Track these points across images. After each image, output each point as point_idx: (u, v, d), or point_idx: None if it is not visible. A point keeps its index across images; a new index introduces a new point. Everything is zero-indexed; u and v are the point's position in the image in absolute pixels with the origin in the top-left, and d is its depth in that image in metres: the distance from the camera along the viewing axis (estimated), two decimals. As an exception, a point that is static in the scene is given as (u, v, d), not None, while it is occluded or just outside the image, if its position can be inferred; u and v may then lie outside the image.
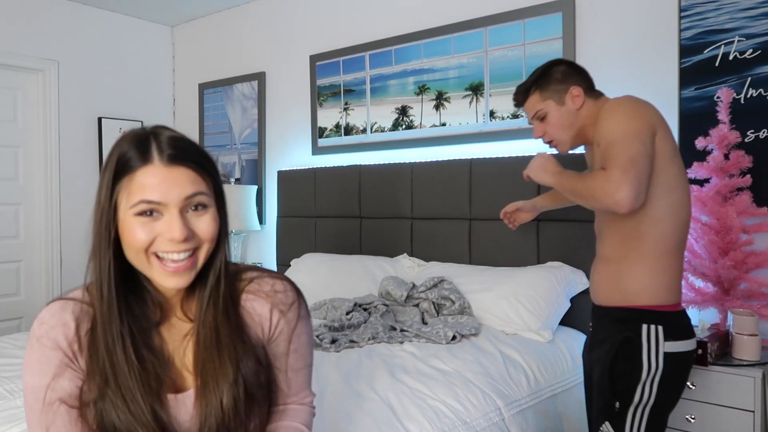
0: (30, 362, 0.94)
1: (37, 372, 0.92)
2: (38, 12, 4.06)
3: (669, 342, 1.57)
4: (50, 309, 0.96)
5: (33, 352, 0.94)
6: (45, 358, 0.93)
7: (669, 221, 1.57)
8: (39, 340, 0.94)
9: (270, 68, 4.17)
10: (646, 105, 1.60)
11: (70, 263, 4.22)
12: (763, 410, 2.02)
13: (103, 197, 1.00)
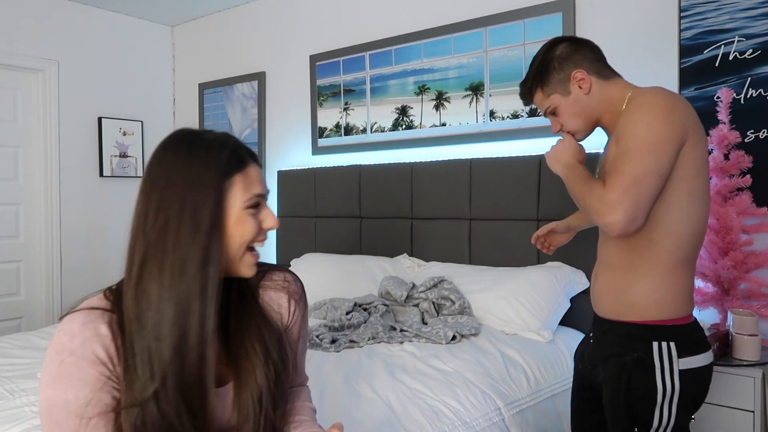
0: (60, 377, 0.88)
1: (71, 387, 0.88)
2: (38, 12, 4.06)
3: (684, 358, 1.43)
4: (76, 320, 0.91)
5: (66, 367, 0.88)
6: (82, 373, 0.89)
7: (685, 232, 1.41)
8: (73, 354, 0.89)
9: (270, 68, 4.17)
10: (682, 106, 1.39)
11: (70, 263, 4.22)
12: (763, 410, 2.02)
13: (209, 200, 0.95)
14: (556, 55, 1.55)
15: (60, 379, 0.88)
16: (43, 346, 2.43)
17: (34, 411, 1.69)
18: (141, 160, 4.62)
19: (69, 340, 0.90)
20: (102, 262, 4.41)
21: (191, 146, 0.97)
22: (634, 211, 1.32)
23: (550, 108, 1.57)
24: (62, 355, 0.89)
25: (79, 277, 4.28)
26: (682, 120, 1.36)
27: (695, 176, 1.38)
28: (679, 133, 1.35)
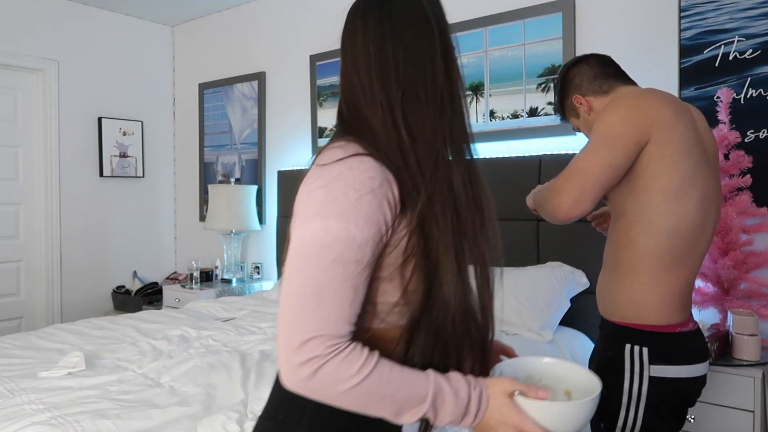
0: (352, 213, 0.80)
1: (364, 226, 0.80)
2: (38, 12, 4.06)
3: (656, 366, 1.39)
4: (368, 162, 0.83)
5: (362, 204, 0.80)
6: (376, 216, 0.81)
7: (663, 231, 1.38)
8: (373, 193, 0.81)
9: (270, 68, 4.17)
10: (650, 105, 1.39)
11: (70, 263, 4.22)
12: (763, 410, 2.02)
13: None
14: (564, 82, 1.66)
15: (351, 215, 0.80)
16: (43, 346, 2.44)
17: (33, 409, 1.69)
18: (141, 160, 4.62)
19: (369, 179, 0.82)
20: (102, 262, 4.42)
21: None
22: (579, 193, 1.35)
23: (576, 129, 1.72)
24: (361, 191, 0.81)
25: (79, 277, 4.28)
26: (645, 118, 1.37)
27: (666, 175, 1.36)
28: (639, 129, 1.36)
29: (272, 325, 2.67)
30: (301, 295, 0.79)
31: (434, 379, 0.83)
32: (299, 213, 0.84)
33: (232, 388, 1.87)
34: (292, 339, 0.78)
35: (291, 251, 0.83)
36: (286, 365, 0.80)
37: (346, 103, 0.93)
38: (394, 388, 0.81)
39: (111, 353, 2.32)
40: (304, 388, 0.80)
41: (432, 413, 0.83)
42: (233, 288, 3.96)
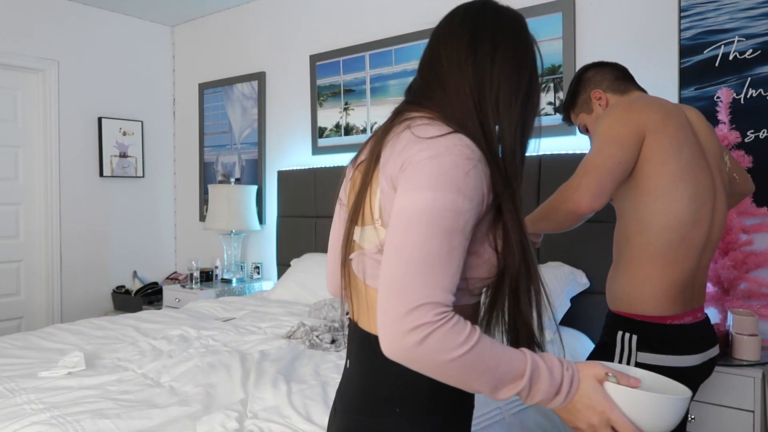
0: (461, 183, 0.82)
1: (470, 199, 0.83)
2: (38, 12, 4.06)
3: (644, 353, 1.46)
4: (466, 139, 0.86)
5: (470, 177, 0.83)
6: (479, 189, 0.84)
7: (654, 228, 1.46)
8: (476, 167, 0.84)
9: (270, 68, 4.17)
10: (640, 109, 1.48)
11: (70, 263, 4.22)
12: (763, 410, 2.02)
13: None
14: (581, 79, 1.77)
15: (461, 188, 0.82)
16: (43, 346, 2.44)
17: (33, 409, 1.69)
18: (141, 160, 4.62)
19: (472, 152, 0.85)
20: (102, 262, 4.42)
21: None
22: (597, 186, 1.42)
23: (582, 127, 1.78)
24: (471, 162, 0.84)
25: (79, 277, 4.28)
26: (639, 119, 1.46)
27: (655, 174, 1.45)
28: (638, 130, 1.45)
29: (272, 325, 2.67)
30: (410, 263, 0.79)
31: (530, 356, 0.84)
32: (407, 181, 0.84)
33: (232, 387, 1.88)
34: (400, 305, 0.78)
35: (399, 217, 0.83)
36: (393, 332, 0.78)
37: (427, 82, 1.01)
38: (495, 361, 0.81)
39: (111, 353, 2.32)
40: (410, 355, 0.78)
41: (526, 391, 0.83)
42: (233, 288, 3.96)
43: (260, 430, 1.57)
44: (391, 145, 0.90)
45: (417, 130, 0.88)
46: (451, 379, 0.81)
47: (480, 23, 0.96)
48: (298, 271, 3.42)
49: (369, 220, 0.92)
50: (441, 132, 0.86)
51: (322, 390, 1.80)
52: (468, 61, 0.94)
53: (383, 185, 0.89)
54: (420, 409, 0.91)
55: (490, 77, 0.92)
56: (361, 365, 0.98)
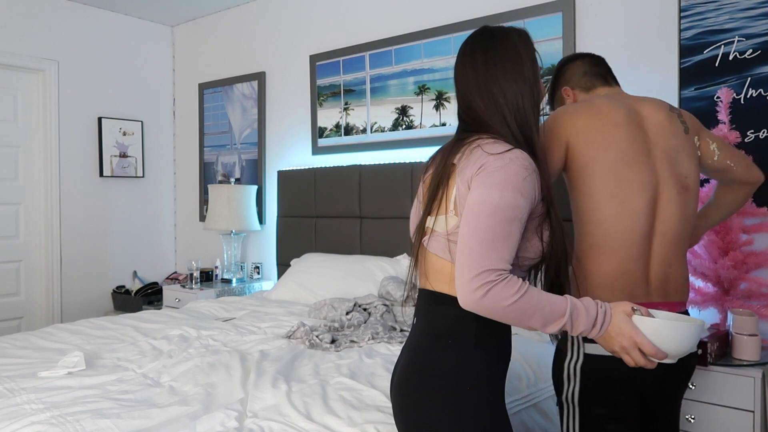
0: (520, 187, 1.14)
1: (525, 198, 1.14)
2: (38, 12, 4.06)
3: (590, 344, 1.49)
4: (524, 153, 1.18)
5: (526, 182, 1.15)
6: (531, 191, 1.16)
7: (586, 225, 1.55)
8: (532, 174, 1.17)
9: (270, 68, 4.17)
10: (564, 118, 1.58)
11: (70, 263, 4.22)
12: (763, 410, 2.02)
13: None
14: (557, 74, 1.82)
15: (520, 189, 1.14)
16: (43, 346, 2.44)
17: (33, 409, 1.69)
18: (141, 160, 4.62)
19: (530, 164, 1.17)
20: (102, 262, 4.42)
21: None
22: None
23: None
24: (527, 171, 1.16)
25: (79, 277, 4.28)
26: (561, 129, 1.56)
27: (579, 173, 1.54)
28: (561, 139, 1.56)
29: (272, 325, 2.67)
30: (480, 240, 1.11)
31: (570, 300, 1.14)
32: (482, 183, 1.15)
33: (232, 387, 1.88)
34: (472, 269, 1.10)
35: (474, 209, 1.14)
36: (465, 288, 1.10)
37: (465, 111, 1.31)
38: (542, 305, 1.11)
39: (111, 353, 2.32)
40: (479, 305, 1.10)
41: (569, 325, 1.13)
42: (233, 288, 3.96)
43: (260, 429, 1.57)
44: (465, 158, 1.21)
45: (486, 147, 1.19)
46: (512, 320, 1.11)
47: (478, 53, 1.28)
48: (298, 271, 3.42)
49: (443, 210, 1.23)
50: (506, 148, 1.18)
51: (321, 389, 1.81)
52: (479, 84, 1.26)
53: (459, 185, 1.20)
54: (467, 342, 1.21)
55: (503, 95, 1.24)
56: (425, 315, 1.28)
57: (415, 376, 1.23)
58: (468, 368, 1.20)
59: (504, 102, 1.23)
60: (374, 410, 1.66)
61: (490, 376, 1.22)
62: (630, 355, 1.14)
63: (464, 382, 1.19)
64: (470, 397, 1.19)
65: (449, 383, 1.19)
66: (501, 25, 1.31)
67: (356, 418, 1.62)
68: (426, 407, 1.20)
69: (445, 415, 1.18)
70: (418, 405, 1.21)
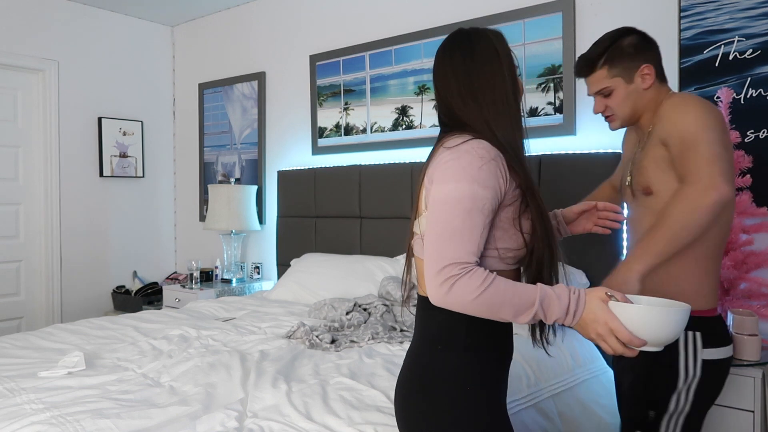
0: (477, 177, 1.12)
1: (485, 187, 1.12)
2: (38, 12, 4.06)
3: (707, 349, 1.50)
4: (483, 144, 1.16)
5: (483, 171, 1.12)
6: (492, 179, 1.13)
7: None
8: (489, 163, 1.13)
9: (270, 68, 4.17)
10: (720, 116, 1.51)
11: (70, 263, 4.22)
12: (763, 410, 2.02)
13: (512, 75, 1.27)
14: (632, 41, 1.60)
15: (476, 179, 1.12)
16: (43, 346, 2.44)
17: (33, 409, 1.69)
18: (141, 160, 4.62)
19: (486, 152, 1.14)
20: (102, 262, 4.42)
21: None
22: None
23: (607, 90, 1.62)
24: (483, 161, 1.13)
25: (79, 277, 4.28)
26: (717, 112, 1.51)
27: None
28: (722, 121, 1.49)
29: (272, 324, 2.67)
30: (440, 234, 1.10)
31: (541, 288, 1.10)
32: (438, 178, 1.15)
33: (232, 387, 1.88)
34: (435, 265, 1.09)
35: (433, 205, 1.14)
36: (431, 285, 1.09)
37: (445, 113, 1.28)
38: (509, 294, 1.08)
39: (111, 353, 2.32)
40: (445, 300, 1.09)
41: (541, 313, 1.09)
42: (233, 288, 3.96)
43: (260, 429, 1.57)
44: (433, 159, 1.21)
45: (446, 143, 1.20)
46: (481, 313, 1.10)
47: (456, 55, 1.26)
48: (298, 271, 3.41)
49: (420, 212, 1.24)
50: (463, 140, 1.17)
51: (321, 389, 1.81)
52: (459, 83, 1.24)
53: (426, 185, 1.21)
54: (457, 346, 1.20)
55: (482, 92, 1.22)
56: (418, 320, 1.28)
57: (411, 381, 1.24)
58: (460, 372, 1.19)
59: (483, 101, 1.21)
60: (374, 410, 1.66)
61: (485, 379, 1.22)
62: (606, 342, 1.09)
63: (458, 386, 1.19)
64: (467, 400, 1.18)
65: (444, 388, 1.19)
66: (475, 27, 1.30)
67: (356, 418, 1.62)
68: (423, 412, 1.20)
69: (442, 420, 1.18)
70: (416, 410, 1.21)
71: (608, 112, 1.66)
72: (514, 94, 1.24)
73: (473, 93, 1.22)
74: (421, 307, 1.27)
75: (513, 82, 1.24)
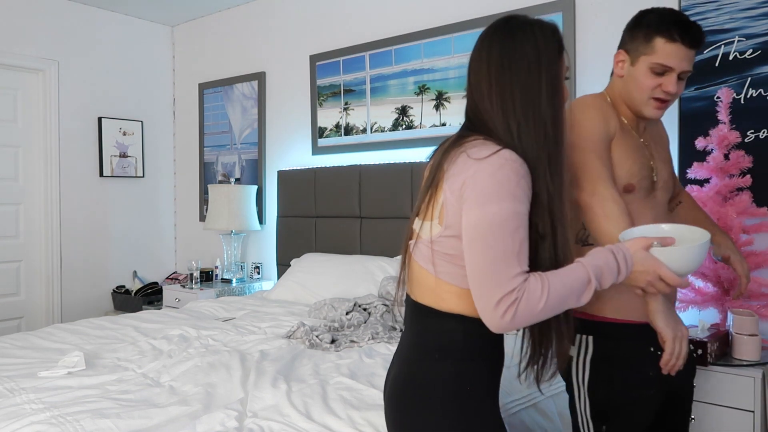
0: (516, 194, 1.07)
1: (523, 202, 1.08)
2: (38, 12, 4.06)
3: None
4: (514, 154, 1.10)
5: (520, 187, 1.08)
6: (527, 193, 1.10)
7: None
8: (524, 178, 1.09)
9: (270, 68, 4.17)
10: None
11: (70, 263, 4.22)
12: (763, 410, 2.02)
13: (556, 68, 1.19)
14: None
15: (516, 197, 1.08)
16: (43, 346, 2.44)
17: (33, 408, 1.69)
18: (141, 160, 4.62)
19: (520, 166, 1.10)
20: (102, 262, 4.41)
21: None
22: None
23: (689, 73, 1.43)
24: (518, 177, 1.08)
25: (79, 277, 4.28)
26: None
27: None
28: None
29: (272, 324, 2.67)
30: (493, 262, 1.05)
31: (586, 263, 1.10)
32: (474, 198, 1.09)
33: (232, 387, 1.88)
34: (492, 296, 1.05)
35: (475, 229, 1.08)
36: (492, 317, 1.05)
37: (471, 109, 1.22)
38: (568, 287, 1.08)
39: (111, 353, 2.32)
40: (511, 326, 1.06)
41: (599, 286, 1.11)
42: (233, 288, 3.96)
43: (260, 428, 1.57)
44: (454, 164, 1.14)
45: (472, 152, 1.12)
46: (549, 315, 1.08)
47: (495, 48, 1.17)
48: (298, 271, 3.41)
49: (429, 216, 1.17)
50: (492, 150, 1.10)
51: (321, 389, 1.80)
52: (496, 96, 1.15)
53: (447, 196, 1.13)
54: (454, 356, 1.17)
55: (511, 94, 1.15)
56: (412, 327, 1.24)
57: (406, 389, 1.21)
58: (457, 381, 1.17)
59: (513, 109, 1.14)
60: (374, 410, 1.66)
61: (481, 387, 1.20)
62: (655, 287, 1.14)
63: (455, 395, 1.17)
64: (463, 409, 1.16)
65: (440, 397, 1.17)
66: (526, 17, 1.19)
67: (356, 418, 1.62)
68: (419, 421, 1.18)
69: (437, 429, 1.16)
70: (411, 419, 1.19)
71: (673, 99, 1.46)
72: (550, 101, 1.15)
73: (502, 98, 1.15)
74: (416, 313, 1.23)
75: (551, 89, 1.15)
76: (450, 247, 1.15)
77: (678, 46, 1.37)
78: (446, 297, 1.17)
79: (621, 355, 1.42)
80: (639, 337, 1.41)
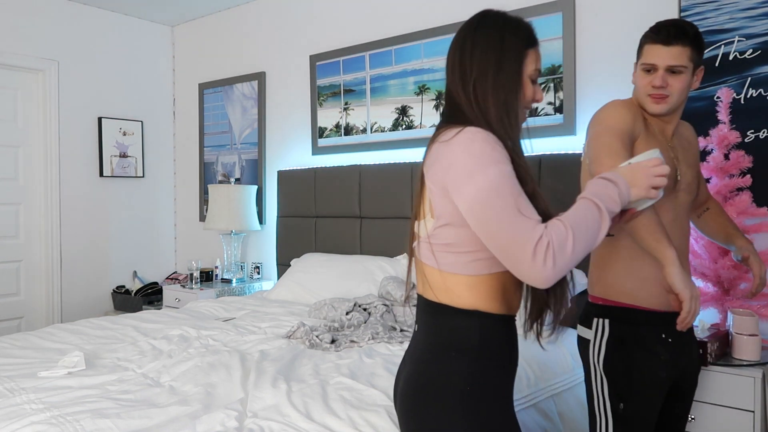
0: (497, 157, 1.09)
1: (505, 162, 1.11)
2: (38, 12, 4.06)
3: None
4: (480, 129, 1.13)
5: (497, 151, 1.10)
6: (502, 155, 1.12)
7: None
8: (497, 143, 1.12)
9: (270, 68, 4.17)
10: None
11: (70, 263, 4.22)
12: (763, 410, 2.02)
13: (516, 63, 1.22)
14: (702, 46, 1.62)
15: (496, 159, 1.09)
16: (43, 346, 2.44)
17: (33, 408, 1.69)
18: (141, 160, 4.62)
19: (488, 135, 1.12)
20: (102, 262, 4.41)
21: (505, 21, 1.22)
22: None
23: (678, 68, 1.56)
24: (491, 144, 1.10)
25: (79, 277, 4.28)
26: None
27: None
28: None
29: (272, 324, 2.67)
30: (510, 223, 1.05)
31: (586, 195, 1.12)
32: (456, 179, 1.11)
33: (232, 387, 1.88)
34: (526, 254, 1.03)
35: (477, 203, 1.08)
36: (536, 273, 1.03)
37: (446, 101, 1.26)
38: (582, 217, 1.08)
39: (111, 353, 2.32)
40: (557, 273, 1.04)
41: (606, 210, 1.10)
42: (233, 288, 3.96)
43: (260, 428, 1.57)
44: (429, 156, 1.21)
45: (440, 138, 1.17)
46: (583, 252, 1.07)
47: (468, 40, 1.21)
48: (298, 271, 3.41)
49: (422, 215, 1.21)
50: (457, 130, 1.14)
51: (321, 389, 1.81)
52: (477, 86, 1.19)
53: (430, 187, 1.18)
54: (470, 354, 1.18)
55: (501, 101, 1.18)
56: (426, 325, 1.24)
57: (420, 388, 1.20)
58: (473, 379, 1.17)
59: (483, 101, 1.18)
60: (374, 410, 1.66)
61: (496, 385, 1.20)
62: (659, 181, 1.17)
63: (471, 393, 1.16)
64: (478, 407, 1.16)
65: (455, 395, 1.16)
66: (499, 11, 1.23)
67: (356, 418, 1.62)
68: (434, 420, 1.17)
69: (453, 428, 1.15)
70: (426, 418, 1.18)
71: (666, 92, 1.58)
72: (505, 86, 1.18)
73: (474, 90, 1.18)
74: (430, 312, 1.23)
75: (509, 75, 1.18)
76: (446, 237, 1.17)
77: (657, 46, 1.58)
78: (457, 291, 1.18)
79: (636, 339, 1.58)
80: (653, 323, 1.58)
